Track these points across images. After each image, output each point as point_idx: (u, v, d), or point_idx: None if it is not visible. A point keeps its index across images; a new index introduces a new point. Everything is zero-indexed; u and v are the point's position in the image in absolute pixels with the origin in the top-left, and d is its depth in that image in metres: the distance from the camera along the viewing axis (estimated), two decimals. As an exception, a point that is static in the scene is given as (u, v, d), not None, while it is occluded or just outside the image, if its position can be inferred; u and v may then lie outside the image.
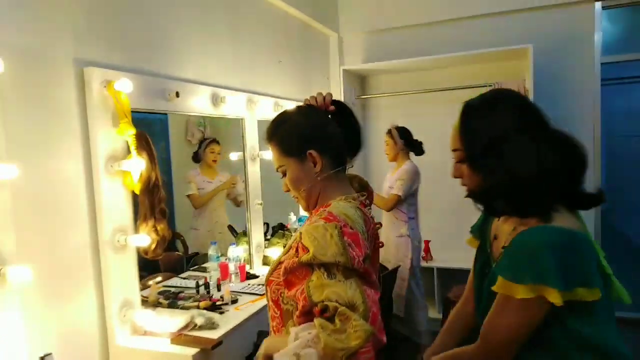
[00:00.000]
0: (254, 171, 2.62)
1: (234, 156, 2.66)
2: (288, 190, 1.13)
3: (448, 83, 3.63)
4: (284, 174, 1.11)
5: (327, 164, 1.08)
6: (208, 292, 2.16)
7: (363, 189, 1.25)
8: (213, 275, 2.32)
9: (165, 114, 2.39)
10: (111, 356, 1.71)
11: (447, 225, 3.71)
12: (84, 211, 1.65)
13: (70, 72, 1.60)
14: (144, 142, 1.71)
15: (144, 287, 2.14)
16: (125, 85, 1.66)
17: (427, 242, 3.58)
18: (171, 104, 1.98)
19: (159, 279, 2.33)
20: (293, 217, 3.26)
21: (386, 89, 3.96)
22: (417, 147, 3.19)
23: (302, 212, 3.65)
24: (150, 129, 2.50)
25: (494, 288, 0.94)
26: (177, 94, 1.96)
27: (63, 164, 1.58)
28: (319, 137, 1.08)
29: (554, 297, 0.86)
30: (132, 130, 1.69)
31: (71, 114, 1.61)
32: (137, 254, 1.80)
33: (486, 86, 3.38)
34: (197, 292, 2.18)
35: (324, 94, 1.14)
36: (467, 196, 1.05)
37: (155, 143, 2.48)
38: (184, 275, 2.46)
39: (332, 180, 1.09)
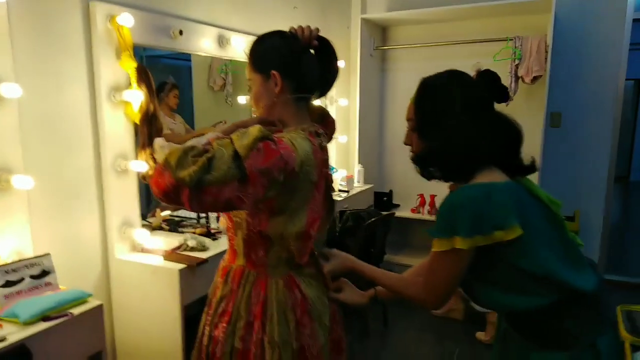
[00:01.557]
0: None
1: (242, 99, 2.77)
2: (252, 105, 1.22)
3: (469, 36, 3.56)
4: (250, 88, 1.19)
5: (288, 88, 1.15)
6: (207, 222, 2.34)
7: (323, 120, 1.34)
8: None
9: (188, 58, 2.51)
10: (111, 267, 1.92)
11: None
12: (88, 135, 1.81)
13: (77, 6, 1.73)
14: (143, 75, 1.83)
15: (153, 215, 2.36)
16: (126, 19, 1.78)
17: (432, 196, 3.63)
18: (175, 42, 2.08)
19: (167, 212, 2.53)
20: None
21: (406, 42, 3.91)
22: (495, 94, 2.92)
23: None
24: (178, 75, 2.66)
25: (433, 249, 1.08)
26: (181, 32, 2.06)
27: (69, 90, 1.74)
28: (287, 62, 1.15)
29: (460, 244, 0.99)
30: (133, 64, 1.82)
31: (78, 45, 1.75)
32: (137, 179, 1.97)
33: (506, 40, 3.30)
34: (198, 221, 2.36)
35: (312, 28, 1.20)
36: (411, 159, 1.19)
37: (181, 89, 2.65)
38: (191, 207, 2.65)
39: (291, 107, 1.16)
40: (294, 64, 1.16)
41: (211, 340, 1.20)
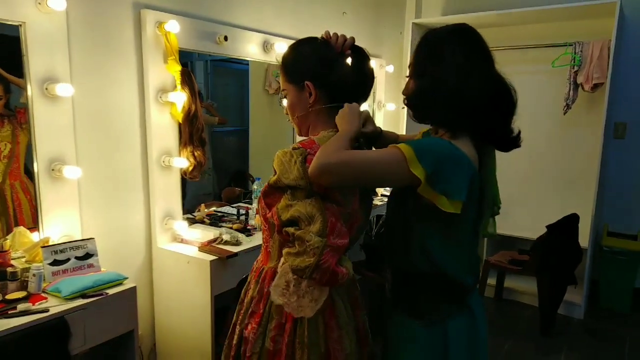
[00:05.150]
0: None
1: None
2: (287, 114, 1.23)
3: (525, 41, 3.42)
4: (285, 98, 1.20)
5: (321, 98, 1.15)
6: (246, 219, 2.45)
7: None
8: (255, 207, 2.60)
9: (247, 63, 2.65)
10: (154, 254, 2.08)
11: (510, 192, 3.60)
12: (136, 132, 1.98)
13: (129, 14, 1.90)
14: (187, 78, 1.97)
15: (199, 210, 2.51)
16: (173, 26, 1.92)
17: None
18: (220, 47, 2.20)
19: (214, 207, 2.68)
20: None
21: (461, 46, 3.82)
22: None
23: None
24: (237, 78, 2.80)
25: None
26: (226, 38, 2.18)
27: (121, 91, 1.91)
28: (319, 72, 1.14)
29: (417, 171, 0.95)
30: (178, 67, 1.96)
31: (129, 50, 1.92)
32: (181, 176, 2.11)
33: (565, 45, 3.15)
34: (238, 218, 2.47)
35: (347, 37, 1.18)
36: (404, 102, 1.16)
37: (238, 92, 2.77)
38: (235, 205, 2.78)
39: (324, 115, 1.16)
40: (327, 73, 1.14)
41: (241, 340, 1.21)
